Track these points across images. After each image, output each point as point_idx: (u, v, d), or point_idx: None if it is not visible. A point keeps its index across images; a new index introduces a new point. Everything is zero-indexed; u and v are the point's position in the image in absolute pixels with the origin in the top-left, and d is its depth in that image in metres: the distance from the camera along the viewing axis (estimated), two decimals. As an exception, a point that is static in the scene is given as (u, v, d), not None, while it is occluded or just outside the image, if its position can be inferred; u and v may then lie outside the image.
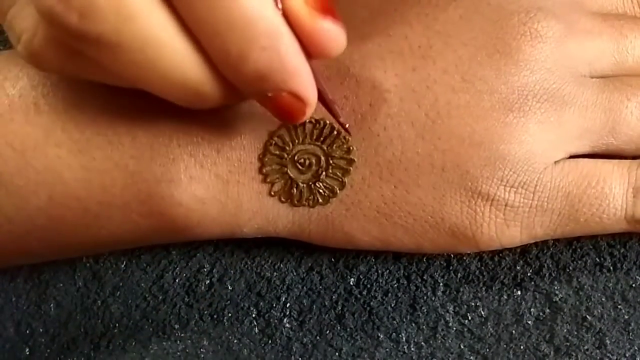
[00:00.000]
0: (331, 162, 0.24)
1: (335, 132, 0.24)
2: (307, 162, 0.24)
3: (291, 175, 0.24)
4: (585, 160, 0.24)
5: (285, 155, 0.24)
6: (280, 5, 0.17)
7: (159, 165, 0.23)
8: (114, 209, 0.24)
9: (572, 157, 0.24)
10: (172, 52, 0.18)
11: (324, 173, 0.24)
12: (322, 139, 0.24)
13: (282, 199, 0.24)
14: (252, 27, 0.17)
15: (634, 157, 0.25)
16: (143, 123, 0.23)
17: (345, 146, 0.23)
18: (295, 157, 0.24)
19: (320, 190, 0.24)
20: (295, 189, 0.24)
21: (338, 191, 0.24)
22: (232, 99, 0.20)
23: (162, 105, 0.21)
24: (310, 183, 0.24)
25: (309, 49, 0.18)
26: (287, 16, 0.18)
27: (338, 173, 0.24)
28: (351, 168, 0.24)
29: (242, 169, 0.24)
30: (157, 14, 0.17)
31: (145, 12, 0.17)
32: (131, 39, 0.17)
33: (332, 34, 0.18)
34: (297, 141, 0.24)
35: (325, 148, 0.24)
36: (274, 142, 0.24)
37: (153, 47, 0.18)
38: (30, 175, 0.23)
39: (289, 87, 0.18)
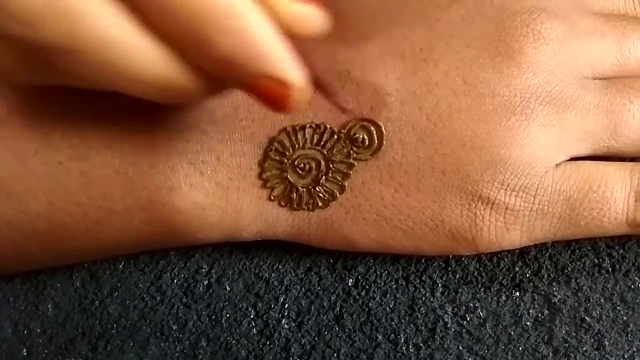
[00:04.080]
0: (331, 166, 0.24)
1: (335, 137, 0.23)
2: (307, 166, 0.24)
3: (291, 180, 0.24)
4: (587, 163, 0.24)
5: (285, 161, 0.24)
6: None
7: (158, 172, 0.23)
8: (114, 216, 0.24)
9: (573, 159, 0.24)
10: (131, 50, 0.17)
11: (323, 177, 0.24)
12: (322, 143, 0.24)
13: (282, 204, 0.24)
14: (210, 10, 0.16)
15: (632, 159, 0.25)
16: (143, 130, 0.23)
17: (345, 150, 0.23)
18: (295, 162, 0.24)
19: (320, 194, 0.24)
20: (295, 194, 0.24)
21: (338, 195, 0.24)
22: (214, 89, 0.19)
23: (162, 113, 0.21)
24: (310, 187, 0.24)
25: (284, 31, 0.17)
26: None
27: (338, 177, 0.24)
28: (351, 172, 0.24)
29: (242, 175, 0.24)
30: (107, 11, 0.16)
31: (93, 12, 0.16)
32: (83, 41, 0.16)
33: (302, 13, 0.17)
34: (297, 146, 0.24)
35: (325, 152, 0.23)
36: (273, 147, 0.23)
37: (109, 47, 0.16)
38: (30, 181, 0.23)
39: (264, 71, 0.17)
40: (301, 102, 0.18)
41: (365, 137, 0.23)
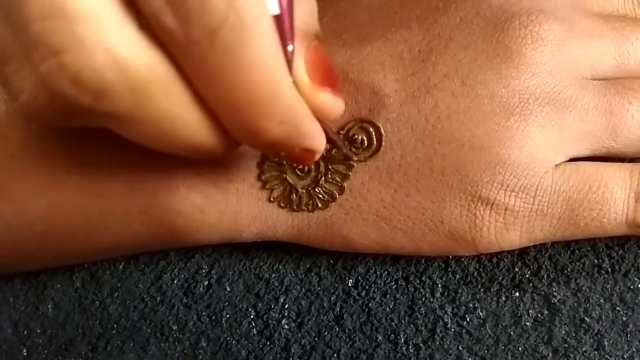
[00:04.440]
0: (330, 167, 0.24)
1: None
2: (306, 168, 0.24)
3: (290, 181, 0.24)
4: (587, 164, 0.24)
5: (285, 162, 0.24)
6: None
7: (157, 175, 0.23)
8: (114, 218, 0.24)
9: (572, 160, 0.24)
10: (186, 125, 0.18)
11: (323, 178, 0.24)
12: None
13: (282, 205, 0.24)
14: (271, 105, 0.17)
15: (632, 160, 0.25)
16: None
17: (345, 151, 0.23)
18: (294, 163, 0.24)
19: (320, 196, 0.24)
20: (294, 195, 0.24)
21: (337, 196, 0.24)
22: (236, 148, 0.20)
23: None
24: (310, 188, 0.24)
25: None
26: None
27: (337, 178, 0.24)
28: (350, 173, 0.24)
29: (241, 177, 0.24)
30: (174, 91, 0.17)
31: (163, 91, 0.17)
32: (147, 116, 0.17)
33: (329, 104, 0.19)
34: None
35: (324, 153, 0.24)
36: None
37: (168, 122, 0.17)
38: (30, 183, 0.23)
39: (302, 147, 0.19)
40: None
41: (364, 138, 0.23)
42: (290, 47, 0.18)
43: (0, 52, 0.17)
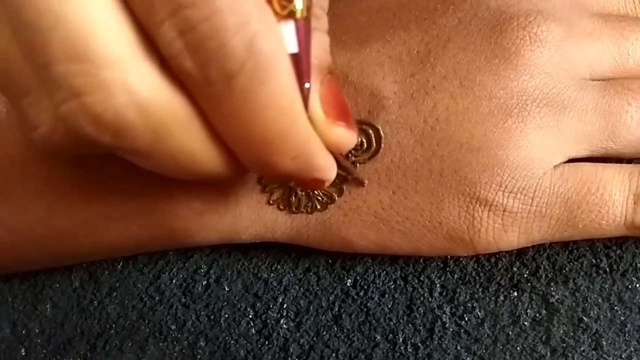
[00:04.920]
0: None
1: None
2: None
3: (290, 184, 0.24)
4: (586, 165, 0.24)
5: None
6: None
7: (157, 180, 0.23)
8: (113, 221, 0.24)
9: (571, 160, 0.24)
10: (202, 158, 0.18)
11: None
12: None
13: (281, 207, 0.24)
14: (285, 142, 0.17)
15: (630, 161, 0.25)
16: None
17: (343, 153, 0.23)
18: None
19: (319, 198, 0.24)
20: (293, 197, 0.24)
21: (336, 198, 0.24)
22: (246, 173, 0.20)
23: None
24: (309, 191, 0.24)
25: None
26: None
27: (337, 180, 0.24)
28: (349, 175, 0.24)
29: (241, 180, 0.24)
30: (192, 128, 0.17)
31: (181, 129, 0.17)
32: (165, 152, 0.17)
33: (343, 138, 0.19)
34: None
35: None
36: None
37: (185, 156, 0.17)
38: (30, 186, 0.23)
39: (314, 177, 0.19)
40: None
41: (364, 140, 0.23)
42: (307, 85, 0.18)
43: (18, 85, 0.17)
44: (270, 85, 0.16)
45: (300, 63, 0.17)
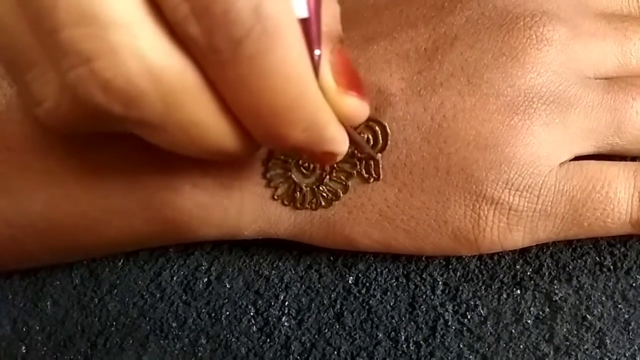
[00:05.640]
0: (335, 165, 0.23)
1: None
2: (312, 166, 0.24)
3: (295, 179, 0.24)
4: (591, 163, 0.24)
5: (290, 160, 0.24)
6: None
7: (161, 173, 0.23)
8: (115, 215, 0.23)
9: (577, 158, 0.24)
10: (212, 131, 0.17)
11: (327, 177, 0.23)
12: None
13: (285, 203, 0.24)
14: (295, 112, 0.17)
15: (634, 159, 0.25)
16: None
17: (349, 150, 0.23)
18: (300, 161, 0.24)
19: (324, 194, 0.24)
20: (298, 193, 0.24)
21: (341, 194, 0.24)
22: (258, 150, 0.20)
23: None
24: (314, 186, 0.24)
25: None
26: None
27: (342, 177, 0.23)
28: (355, 172, 0.23)
29: (246, 175, 0.24)
30: (203, 99, 0.17)
31: (193, 99, 0.16)
32: (176, 123, 0.17)
33: (355, 108, 0.19)
34: None
35: None
36: None
37: (195, 129, 0.17)
38: (29, 178, 0.23)
39: (325, 150, 0.19)
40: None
41: (370, 136, 0.23)
42: (317, 52, 0.17)
43: (22, 59, 0.16)
44: (278, 52, 0.15)
45: (310, 29, 0.17)
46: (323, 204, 0.24)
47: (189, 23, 0.15)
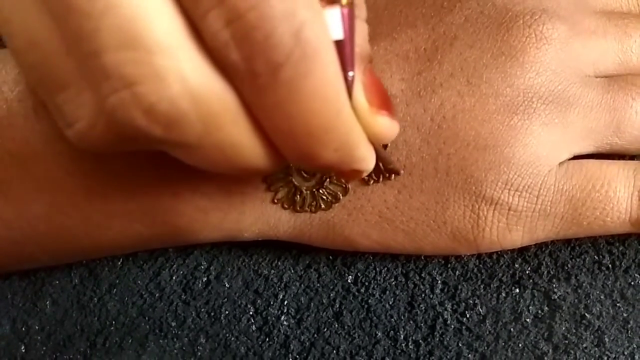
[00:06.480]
0: None
1: None
2: None
3: (295, 183, 0.24)
4: (590, 162, 0.24)
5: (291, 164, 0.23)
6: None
7: (161, 177, 0.23)
8: (115, 219, 0.23)
9: (576, 157, 0.24)
10: (247, 151, 0.17)
11: (327, 180, 0.23)
12: None
13: (285, 206, 0.24)
14: (328, 133, 0.17)
15: (633, 158, 0.25)
16: None
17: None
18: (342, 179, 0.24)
19: (324, 197, 0.24)
20: (298, 196, 0.24)
21: (341, 197, 0.24)
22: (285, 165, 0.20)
23: None
24: (314, 189, 0.24)
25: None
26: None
27: (342, 179, 0.23)
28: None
29: (247, 179, 0.23)
30: (240, 121, 0.16)
31: (231, 122, 0.16)
32: (213, 144, 0.17)
33: (386, 127, 0.19)
34: None
35: None
36: None
37: (231, 149, 0.17)
38: (30, 183, 0.23)
39: (354, 168, 0.19)
40: None
41: None
42: (350, 73, 0.17)
43: (54, 79, 0.16)
44: (317, 76, 0.15)
45: (344, 50, 0.17)
46: (323, 206, 0.24)
47: (230, 49, 0.15)
